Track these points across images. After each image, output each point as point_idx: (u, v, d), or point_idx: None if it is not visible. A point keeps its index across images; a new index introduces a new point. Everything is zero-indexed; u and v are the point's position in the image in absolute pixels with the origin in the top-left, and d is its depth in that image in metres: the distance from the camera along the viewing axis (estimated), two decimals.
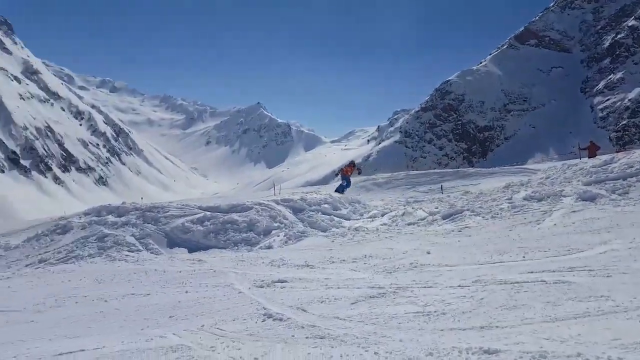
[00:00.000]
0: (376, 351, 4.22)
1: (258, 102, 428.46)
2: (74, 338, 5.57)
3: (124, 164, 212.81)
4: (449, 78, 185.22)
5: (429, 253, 9.01)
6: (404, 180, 25.70)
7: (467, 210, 13.02)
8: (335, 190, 19.95)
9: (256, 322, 5.60)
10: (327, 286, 7.16)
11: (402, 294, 6.20)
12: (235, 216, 13.13)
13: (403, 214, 14.19)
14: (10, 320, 6.69)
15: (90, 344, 5.22)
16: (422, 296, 5.99)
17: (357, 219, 14.54)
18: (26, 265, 11.44)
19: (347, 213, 14.91)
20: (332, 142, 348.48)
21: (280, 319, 5.62)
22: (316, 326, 5.23)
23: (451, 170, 28.36)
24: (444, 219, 12.80)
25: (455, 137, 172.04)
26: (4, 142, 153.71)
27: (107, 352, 4.91)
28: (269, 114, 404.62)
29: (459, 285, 6.29)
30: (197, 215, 13.06)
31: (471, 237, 10.47)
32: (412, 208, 15.14)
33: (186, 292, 7.35)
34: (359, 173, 19.94)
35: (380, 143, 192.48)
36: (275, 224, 12.92)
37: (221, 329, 5.43)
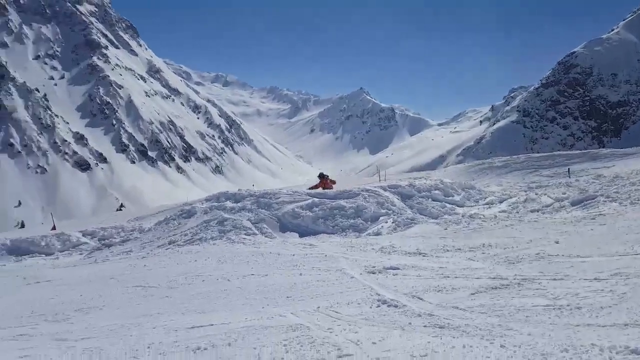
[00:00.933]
0: (502, 344, 3.95)
1: (361, 88, 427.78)
2: (203, 313, 6.06)
3: (236, 153, 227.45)
4: (574, 50, 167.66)
5: (557, 243, 8.26)
6: (524, 164, 23.84)
7: (601, 195, 11.71)
8: None
9: (370, 308, 5.61)
10: (442, 275, 6.93)
11: (529, 285, 5.76)
12: (342, 202, 13.26)
13: (525, 200, 13.19)
14: (147, 295, 7.48)
15: (217, 319, 5.64)
16: (552, 289, 5.49)
17: (471, 206, 13.85)
18: (158, 247, 12.70)
19: (460, 199, 14.26)
20: (440, 124, 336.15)
21: (395, 306, 5.56)
22: (434, 315, 5.09)
23: (579, 151, 25.66)
24: (573, 206, 11.64)
25: (582, 114, 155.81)
26: (134, 136, 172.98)
27: (233, 327, 5.25)
28: (372, 99, 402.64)
29: (595, 279, 5.66)
30: (306, 202, 13.43)
31: (606, 225, 9.39)
32: (536, 194, 14.01)
33: (300, 274, 7.61)
34: (334, 183, 16.61)
35: (494, 124, 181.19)
36: (383, 210, 12.80)
37: (337, 312, 5.52)
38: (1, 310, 7.28)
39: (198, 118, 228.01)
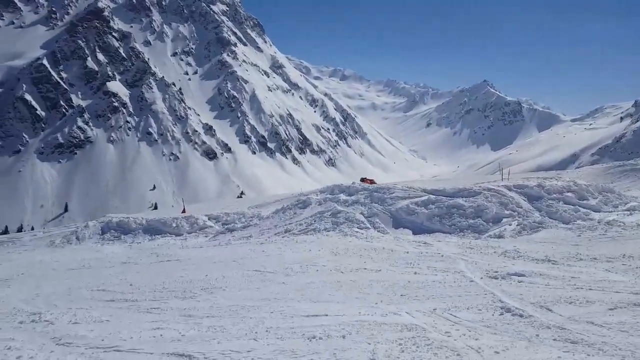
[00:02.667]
0: None
1: (484, 80, 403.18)
2: (317, 302, 6.15)
3: (349, 146, 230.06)
4: None
5: None
6: None
7: None
8: None
9: (492, 315, 5.22)
10: (575, 286, 6.21)
11: None
12: (461, 201, 12.59)
13: None
14: (265, 280, 7.82)
15: (332, 309, 5.68)
16: None
17: (609, 211, 12.27)
18: (275, 234, 13.25)
19: (596, 204, 12.71)
20: (573, 120, 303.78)
21: (521, 315, 5.13)
22: (566, 329, 4.59)
23: None
24: None
25: None
26: (255, 128, 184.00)
27: (347, 320, 5.25)
28: (497, 92, 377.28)
29: None
30: (422, 198, 13.00)
31: None
32: None
33: (415, 273, 7.36)
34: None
35: (638, 121, 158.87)
36: (507, 212, 11.88)
37: (455, 316, 5.24)
38: (138, 283, 8.14)
39: (315, 111, 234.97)
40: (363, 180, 22.50)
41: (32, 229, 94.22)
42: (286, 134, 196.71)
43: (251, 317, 5.68)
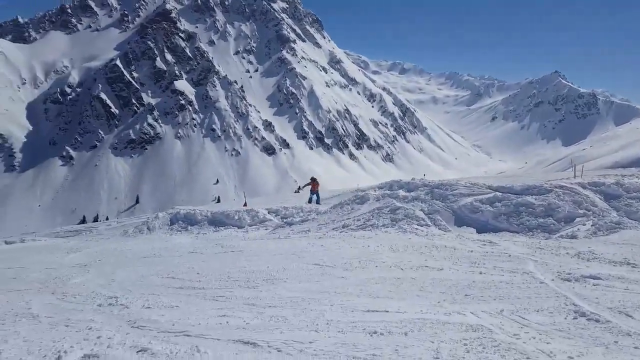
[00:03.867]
0: None
1: (555, 71, 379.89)
2: (376, 298, 6.11)
3: (408, 141, 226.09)
4: None
5: None
6: None
7: None
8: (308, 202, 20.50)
9: (565, 319, 4.94)
10: None
11: None
12: (530, 199, 11.97)
13: None
14: (325, 273, 7.87)
15: (392, 306, 5.62)
16: None
17: None
18: (333, 229, 13.31)
19: None
20: None
21: (597, 320, 4.81)
22: None
23: None
24: None
25: None
26: (313, 124, 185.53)
27: (408, 317, 5.17)
28: (569, 83, 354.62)
29: None
30: (487, 195, 12.49)
31: None
32: None
33: (480, 273, 7.11)
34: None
35: None
36: (580, 211, 11.16)
37: (524, 318, 5.01)
38: (204, 272, 8.47)
39: (372, 106, 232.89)
40: (312, 180, 22.58)
41: (107, 219, 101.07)
42: (343, 129, 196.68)
43: (312, 309, 5.75)
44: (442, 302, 5.79)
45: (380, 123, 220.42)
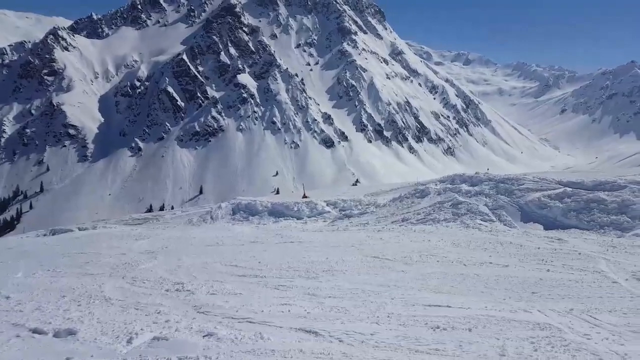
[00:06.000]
0: None
1: (632, 61, 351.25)
2: (438, 293, 6.02)
3: (471, 134, 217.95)
4: None
5: None
6: None
7: None
8: None
9: None
10: None
11: None
12: (602, 195, 11.25)
13: None
14: (384, 266, 7.85)
15: (455, 301, 5.52)
16: None
17: None
18: (392, 222, 13.19)
19: None
20: None
21: None
22: None
23: None
24: None
25: None
26: (372, 117, 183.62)
27: (472, 313, 5.07)
28: None
29: None
30: (556, 191, 11.86)
31: None
32: None
33: (548, 270, 6.81)
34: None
35: None
36: None
37: (595, 318, 4.76)
38: (265, 261, 8.71)
39: (434, 98, 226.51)
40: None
41: (172, 207, 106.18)
42: (403, 122, 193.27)
43: (372, 301, 5.77)
44: (508, 299, 5.61)
45: (442, 115, 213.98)
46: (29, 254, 11.11)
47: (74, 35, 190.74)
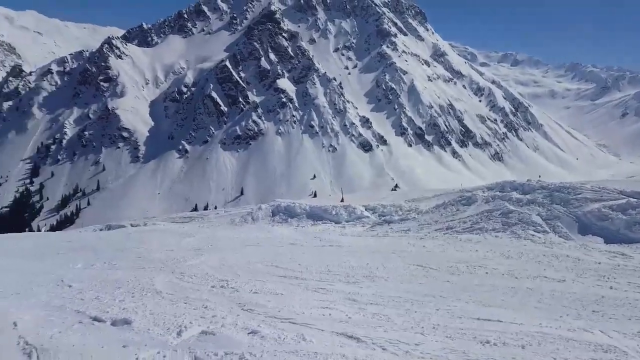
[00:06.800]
0: None
1: None
2: (487, 307, 5.68)
3: (520, 139, 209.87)
4: None
5: None
6: None
7: None
8: None
9: None
10: None
11: None
12: None
13: None
14: (428, 275, 7.55)
15: (506, 316, 5.19)
16: None
17: None
18: (435, 230, 12.77)
19: None
20: None
21: None
22: None
23: None
24: None
25: None
26: (413, 120, 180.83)
27: (525, 329, 4.73)
28: None
29: None
30: (618, 201, 11.03)
31: None
32: None
33: (610, 287, 6.31)
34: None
35: None
36: None
37: None
38: (305, 264, 8.60)
39: (480, 101, 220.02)
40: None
41: (215, 208, 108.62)
42: (446, 125, 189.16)
43: (415, 310, 5.53)
44: (565, 316, 5.22)
45: (489, 119, 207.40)
46: (87, 247, 11.69)
47: (126, 44, 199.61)
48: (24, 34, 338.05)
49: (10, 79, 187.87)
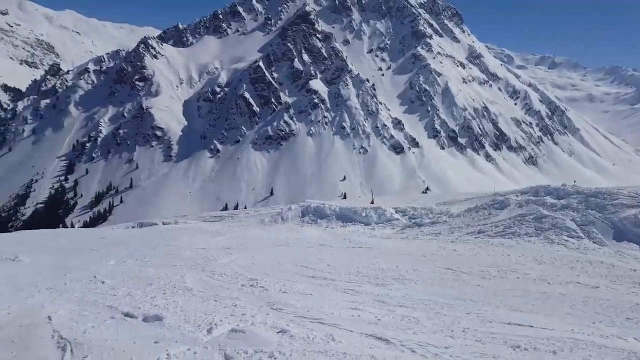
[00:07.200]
0: None
1: None
2: (518, 311, 5.64)
3: (556, 143, 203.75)
4: None
5: None
6: None
7: None
8: None
9: None
10: None
11: None
12: None
13: None
14: (459, 279, 7.51)
15: (537, 321, 5.14)
16: None
17: None
18: (467, 233, 12.62)
19: None
20: None
21: None
22: None
23: None
24: None
25: None
26: (446, 123, 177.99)
27: (556, 335, 4.69)
28: None
29: None
30: None
31: None
32: None
33: None
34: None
35: None
36: None
37: None
38: (334, 264, 8.68)
39: (515, 104, 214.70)
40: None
41: (245, 207, 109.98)
42: (480, 128, 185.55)
43: (445, 314, 5.54)
44: (598, 323, 5.13)
45: (524, 122, 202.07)
46: (120, 244, 12.00)
47: (162, 44, 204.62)
48: (62, 34, 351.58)
49: (49, 77, 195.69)
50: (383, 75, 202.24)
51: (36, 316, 4.89)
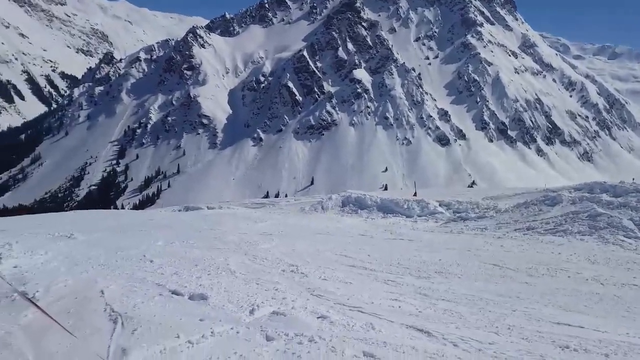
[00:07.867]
0: None
1: None
2: (569, 312, 5.40)
3: (614, 138, 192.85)
4: None
5: None
6: None
7: None
8: None
9: None
10: None
11: None
12: None
13: None
14: (505, 276, 7.28)
15: (589, 322, 4.91)
16: None
17: None
18: (515, 229, 12.20)
19: None
20: None
21: None
22: None
23: None
24: None
25: None
26: (495, 114, 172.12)
27: (609, 337, 4.45)
28: None
29: None
30: None
31: None
32: None
33: None
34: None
35: None
36: None
37: None
38: (375, 255, 8.61)
39: (571, 96, 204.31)
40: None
41: (286, 195, 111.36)
42: (531, 121, 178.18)
43: (490, 310, 5.38)
44: None
45: (579, 115, 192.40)
46: (167, 226, 12.40)
47: (209, 34, 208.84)
48: (115, 23, 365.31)
49: (103, 65, 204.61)
50: (430, 64, 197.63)
51: (90, 290, 5.14)
